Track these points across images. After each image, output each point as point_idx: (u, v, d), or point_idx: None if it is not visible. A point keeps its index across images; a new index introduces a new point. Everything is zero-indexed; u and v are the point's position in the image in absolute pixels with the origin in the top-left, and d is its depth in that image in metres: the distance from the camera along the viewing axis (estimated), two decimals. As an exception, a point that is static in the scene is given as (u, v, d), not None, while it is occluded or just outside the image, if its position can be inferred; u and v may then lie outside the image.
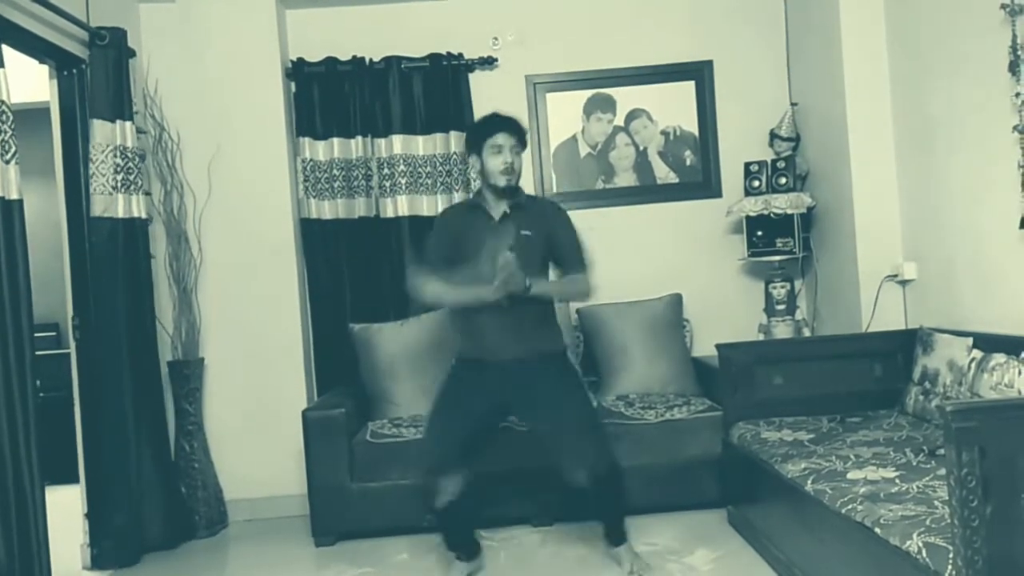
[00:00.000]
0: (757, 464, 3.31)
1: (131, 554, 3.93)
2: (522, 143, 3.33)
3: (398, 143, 4.69)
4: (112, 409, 3.89)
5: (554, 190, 4.86)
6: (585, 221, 4.75)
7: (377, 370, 4.34)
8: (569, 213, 3.49)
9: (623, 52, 4.86)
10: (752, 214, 4.53)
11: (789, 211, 4.46)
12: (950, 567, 1.99)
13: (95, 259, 3.89)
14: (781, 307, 4.54)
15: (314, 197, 4.68)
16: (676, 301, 4.61)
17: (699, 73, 4.90)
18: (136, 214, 4.02)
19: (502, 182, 3.26)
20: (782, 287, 4.56)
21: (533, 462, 3.54)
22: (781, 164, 4.57)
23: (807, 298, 4.79)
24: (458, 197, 4.62)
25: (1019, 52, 3.02)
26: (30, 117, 4.13)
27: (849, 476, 2.72)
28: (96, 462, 3.90)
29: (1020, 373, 2.84)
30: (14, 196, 3.08)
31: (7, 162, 3.05)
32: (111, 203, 3.90)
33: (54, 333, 6.05)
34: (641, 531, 3.79)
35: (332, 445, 3.96)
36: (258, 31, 4.59)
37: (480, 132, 3.34)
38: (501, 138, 3.26)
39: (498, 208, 3.32)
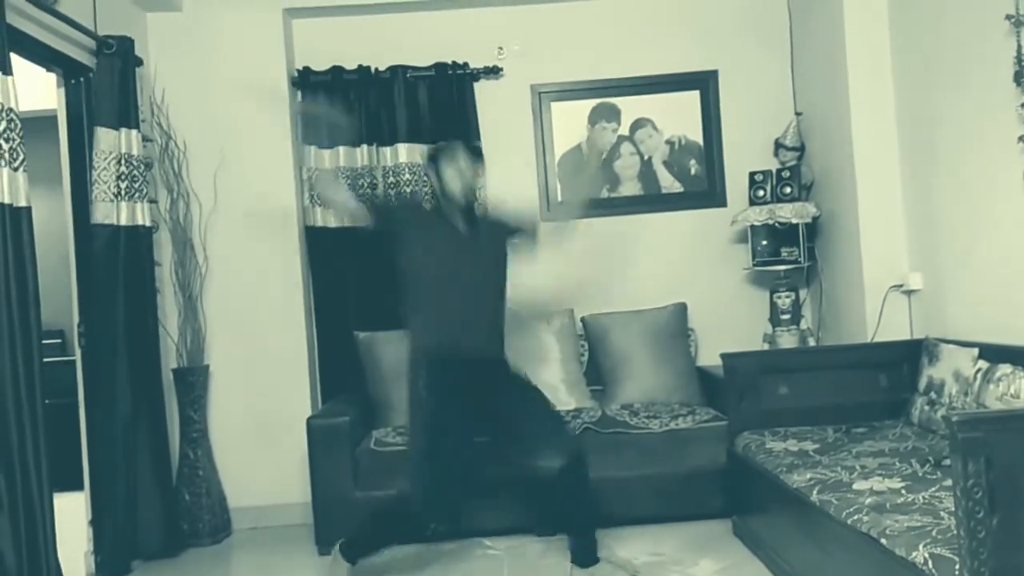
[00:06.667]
0: (762, 474, 3.31)
1: (129, 562, 3.92)
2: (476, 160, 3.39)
3: (403, 152, 4.70)
4: (112, 416, 3.87)
5: (559, 199, 4.86)
6: (590, 230, 4.82)
7: (382, 378, 4.34)
8: (573, 221, 3.49)
9: (628, 62, 4.86)
10: (757, 223, 4.53)
11: (794, 220, 4.46)
12: (956, 578, 1.98)
13: (95, 266, 3.89)
14: (786, 317, 4.54)
15: (319, 205, 4.69)
16: (681, 310, 4.62)
17: (704, 83, 4.90)
18: (140, 221, 4.02)
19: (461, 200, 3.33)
20: (787, 296, 4.55)
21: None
22: (786, 174, 4.57)
23: (812, 308, 4.79)
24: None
25: (1024, 63, 3.02)
26: (37, 125, 4.14)
27: (855, 487, 2.72)
28: (100, 469, 3.90)
29: (1026, 384, 2.84)
30: (22, 204, 3.08)
31: (15, 170, 3.06)
32: (111, 210, 3.90)
33: (59, 340, 6.06)
34: (646, 541, 3.78)
35: (336, 453, 3.96)
36: (265, 40, 4.61)
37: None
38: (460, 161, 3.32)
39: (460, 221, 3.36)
